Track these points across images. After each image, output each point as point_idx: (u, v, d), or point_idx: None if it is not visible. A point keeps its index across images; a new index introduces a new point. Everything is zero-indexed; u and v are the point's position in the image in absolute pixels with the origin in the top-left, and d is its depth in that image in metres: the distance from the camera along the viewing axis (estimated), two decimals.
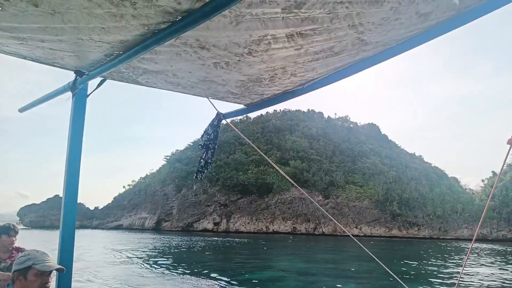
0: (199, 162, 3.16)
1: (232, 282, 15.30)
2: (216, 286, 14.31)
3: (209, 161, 3.17)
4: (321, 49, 1.97)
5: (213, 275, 16.77)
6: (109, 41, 1.89)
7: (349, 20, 1.69)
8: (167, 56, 2.05)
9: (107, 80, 2.54)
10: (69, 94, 2.59)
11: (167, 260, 23.26)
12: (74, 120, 2.52)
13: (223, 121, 3.24)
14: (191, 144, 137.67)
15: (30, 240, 39.45)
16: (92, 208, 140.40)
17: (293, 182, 3.13)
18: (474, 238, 2.39)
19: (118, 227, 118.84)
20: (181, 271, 18.30)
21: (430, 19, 1.69)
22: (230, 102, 3.01)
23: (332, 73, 2.32)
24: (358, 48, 1.98)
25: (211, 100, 2.97)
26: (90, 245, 34.87)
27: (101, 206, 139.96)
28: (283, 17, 1.65)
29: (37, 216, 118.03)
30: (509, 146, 1.87)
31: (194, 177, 3.23)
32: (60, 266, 2.16)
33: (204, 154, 3.18)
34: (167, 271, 18.12)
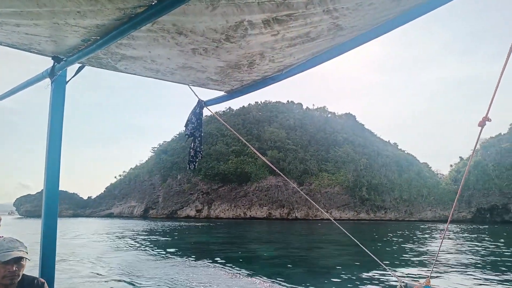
0: (189, 152, 3.17)
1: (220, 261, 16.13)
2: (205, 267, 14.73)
3: (198, 149, 3.14)
4: (297, 34, 1.97)
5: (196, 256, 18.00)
6: (86, 26, 1.88)
7: (324, 6, 1.69)
8: (144, 42, 2.06)
9: (85, 66, 2.55)
10: (47, 81, 2.56)
11: (158, 244, 24.82)
12: (53, 108, 2.51)
13: (208, 113, 3.30)
14: (177, 135, 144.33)
15: (24, 229, 42.30)
16: (85, 197, 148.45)
17: (283, 175, 3.44)
18: (449, 220, 2.74)
19: (109, 215, 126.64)
20: (168, 253, 19.08)
21: (403, 3, 1.70)
22: (210, 89, 3.02)
23: (309, 58, 2.36)
24: (334, 33, 1.98)
25: (192, 87, 2.98)
26: (87, 232, 37.02)
27: (94, 196, 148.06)
28: (258, 2, 1.63)
29: (32, 206, 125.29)
30: (480, 128, 1.87)
31: (187, 168, 3.24)
32: (22, 255, 2.14)
33: (192, 144, 3.16)
34: (159, 254, 18.79)
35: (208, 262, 15.94)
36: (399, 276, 2.58)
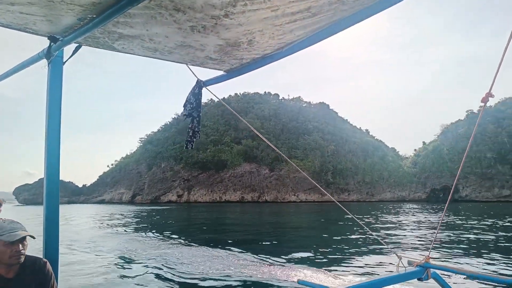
0: (188, 132, 3.20)
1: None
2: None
3: (196, 129, 3.19)
4: (298, 9, 1.94)
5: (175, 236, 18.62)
6: (82, 4, 1.85)
7: None
8: (142, 20, 2.02)
9: (82, 46, 2.51)
10: (44, 62, 2.51)
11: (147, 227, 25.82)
12: (51, 89, 2.46)
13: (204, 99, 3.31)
14: (162, 126, 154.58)
15: (25, 215, 43.84)
16: (80, 185, 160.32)
17: (295, 165, 3.35)
18: (448, 201, 2.75)
19: (101, 202, 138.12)
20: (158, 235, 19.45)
21: None
22: (209, 68, 2.97)
23: (310, 35, 2.31)
24: (335, 8, 1.94)
25: (190, 66, 2.92)
26: (82, 218, 37.52)
27: (88, 184, 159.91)
28: None
29: (30, 194, 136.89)
30: (483, 104, 1.87)
31: (184, 147, 3.18)
32: (28, 234, 2.16)
33: (191, 124, 3.20)
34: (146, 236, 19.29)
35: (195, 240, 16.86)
36: (398, 254, 2.69)
